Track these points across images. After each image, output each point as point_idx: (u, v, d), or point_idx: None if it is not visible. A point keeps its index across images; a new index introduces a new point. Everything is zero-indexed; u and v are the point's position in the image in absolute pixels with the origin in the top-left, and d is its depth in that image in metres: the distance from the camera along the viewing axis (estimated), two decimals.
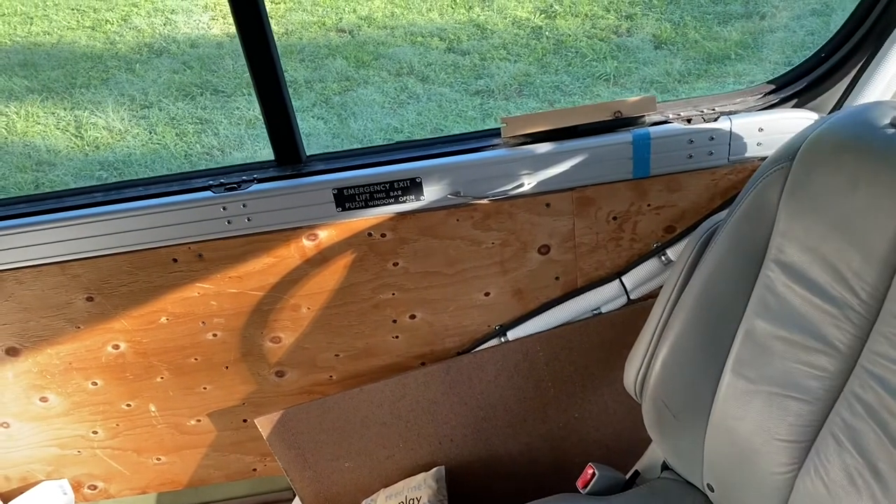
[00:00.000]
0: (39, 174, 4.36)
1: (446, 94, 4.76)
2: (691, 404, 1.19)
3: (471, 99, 4.70)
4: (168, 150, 4.49)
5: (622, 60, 4.81)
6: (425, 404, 1.50)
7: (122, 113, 4.73)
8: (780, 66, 4.72)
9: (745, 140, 1.30)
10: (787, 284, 1.09)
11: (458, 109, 4.62)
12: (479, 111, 4.59)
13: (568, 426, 1.57)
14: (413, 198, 1.33)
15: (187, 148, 4.50)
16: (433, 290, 1.43)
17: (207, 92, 4.89)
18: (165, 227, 1.33)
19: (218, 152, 4.48)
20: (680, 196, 1.35)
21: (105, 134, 4.61)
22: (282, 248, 1.37)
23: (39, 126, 4.70)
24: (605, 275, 1.44)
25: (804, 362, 1.07)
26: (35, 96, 4.91)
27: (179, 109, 4.75)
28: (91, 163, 4.40)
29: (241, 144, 4.52)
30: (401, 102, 4.73)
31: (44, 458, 1.57)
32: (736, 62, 4.73)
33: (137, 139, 4.59)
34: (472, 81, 4.82)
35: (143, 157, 4.42)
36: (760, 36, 4.84)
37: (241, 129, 4.60)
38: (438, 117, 4.58)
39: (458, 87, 4.79)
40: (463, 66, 4.94)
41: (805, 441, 1.07)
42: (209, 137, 4.56)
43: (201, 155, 4.47)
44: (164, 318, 1.42)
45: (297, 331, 1.45)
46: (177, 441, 1.57)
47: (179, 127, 4.64)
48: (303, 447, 1.52)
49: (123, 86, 4.97)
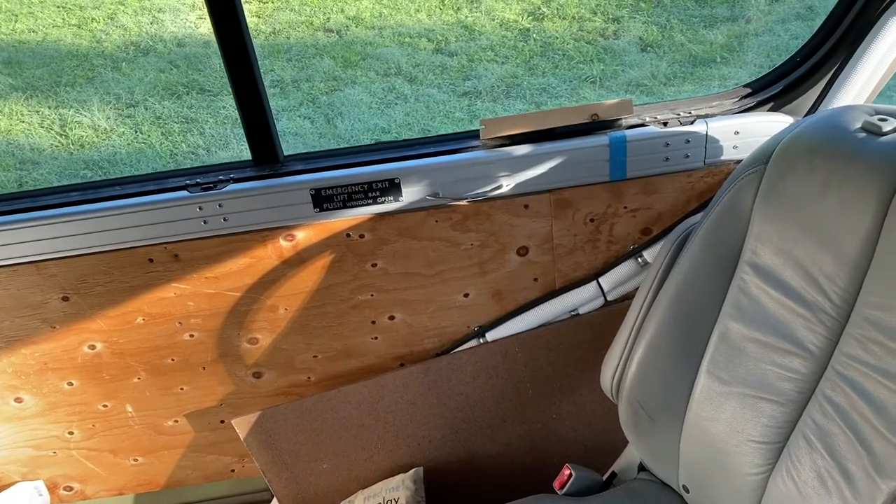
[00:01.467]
0: (23, 173, 4.32)
1: (434, 94, 4.77)
2: (667, 405, 1.20)
3: (458, 100, 4.71)
4: (153, 149, 4.47)
5: (608, 63, 4.83)
6: (404, 405, 1.50)
7: (108, 112, 4.71)
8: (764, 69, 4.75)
9: (721, 143, 1.31)
10: (760, 287, 1.09)
11: (446, 110, 4.62)
12: (467, 112, 4.59)
13: (546, 427, 1.57)
14: (392, 199, 1.33)
15: (173, 147, 4.48)
16: (412, 291, 1.43)
17: (194, 91, 4.88)
18: (141, 226, 1.32)
19: (203, 151, 4.46)
20: (656, 198, 1.36)
21: (90, 133, 4.58)
22: (259, 249, 1.36)
23: (23, 124, 4.67)
24: (582, 276, 1.44)
25: (777, 364, 1.07)
26: (19, 94, 4.88)
27: (165, 108, 4.73)
28: (76, 161, 4.37)
29: (227, 144, 4.50)
30: (388, 103, 4.73)
31: (19, 459, 1.55)
32: (721, 65, 4.76)
33: (123, 138, 4.56)
34: (460, 83, 4.83)
35: (128, 157, 4.40)
36: (745, 39, 4.87)
37: (227, 129, 4.59)
38: (426, 118, 4.58)
39: (445, 89, 4.79)
40: (451, 68, 4.95)
41: (778, 442, 1.08)
42: (195, 137, 4.54)
43: (187, 154, 4.45)
44: (140, 318, 1.41)
45: (274, 332, 1.45)
46: (154, 442, 1.56)
47: (165, 126, 4.62)
48: (280, 448, 1.52)
49: (109, 84, 4.95)
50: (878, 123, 0.99)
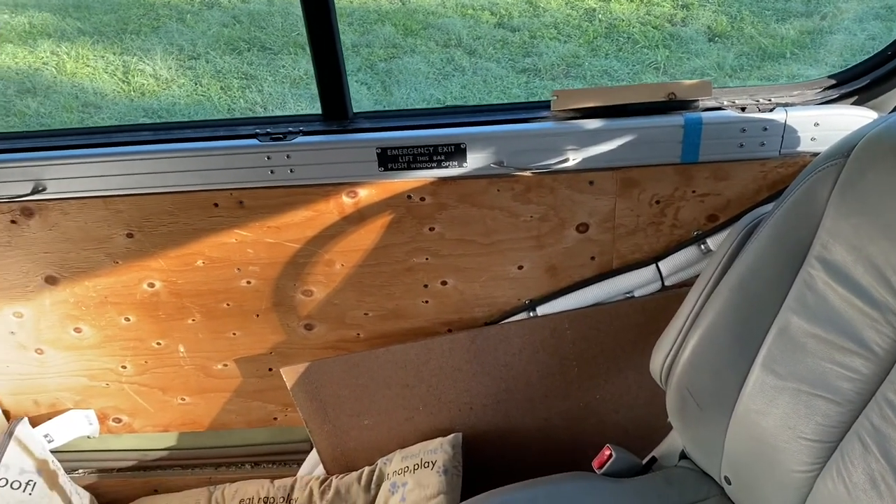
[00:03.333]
0: (85, 115, 4.42)
1: (492, 69, 4.72)
2: (717, 395, 1.18)
3: (517, 76, 4.66)
4: (212, 102, 4.52)
5: (674, 50, 4.73)
6: (449, 371, 1.51)
7: (170, 62, 4.77)
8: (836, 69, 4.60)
9: (799, 133, 1.27)
10: (827, 283, 1.07)
11: (503, 86, 4.58)
12: (524, 89, 4.55)
13: (588, 406, 1.57)
14: (456, 164, 1.32)
15: (231, 102, 4.53)
16: (467, 258, 1.43)
17: (255, 48, 4.91)
18: (209, 171, 1.34)
19: (261, 109, 4.50)
20: (726, 185, 1.33)
21: (151, 81, 4.65)
22: (321, 203, 1.37)
23: (88, 68, 4.75)
24: (641, 258, 1.42)
25: (837, 363, 1.05)
26: (86, 38, 4.97)
27: (226, 63, 4.77)
28: (135, 108, 4.45)
29: (284, 103, 4.53)
30: (446, 74, 4.70)
31: (73, 388, 1.61)
32: (791, 61, 4.62)
33: (182, 89, 4.62)
34: (520, 59, 4.77)
35: (186, 108, 4.46)
36: (819, 36, 4.72)
37: (285, 88, 4.61)
38: (483, 92, 4.55)
39: (505, 64, 4.75)
40: (512, 43, 4.89)
41: (830, 442, 1.06)
42: (253, 93, 4.58)
43: (244, 110, 4.50)
44: (200, 261, 1.44)
45: (329, 286, 1.47)
46: (202, 383, 1.60)
47: (225, 80, 4.66)
48: (325, 401, 1.54)
49: (173, 35, 5.00)
50: None
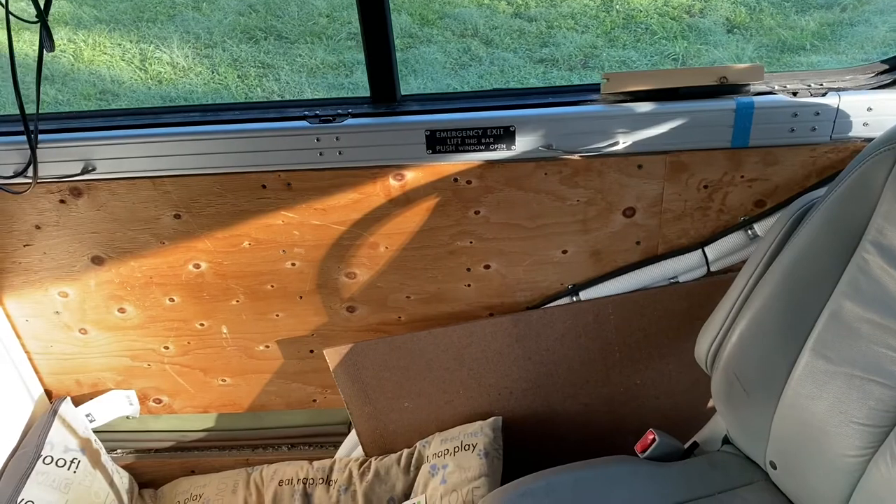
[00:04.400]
0: (102, 103, 4.42)
1: (509, 59, 4.71)
2: (764, 380, 1.19)
3: (534, 67, 4.64)
4: (229, 90, 4.52)
5: (692, 41, 4.71)
6: (490, 354, 1.52)
7: (187, 50, 4.77)
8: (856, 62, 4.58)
9: (852, 118, 1.27)
10: (883, 267, 1.07)
11: (521, 76, 4.57)
12: (542, 80, 4.53)
13: (628, 392, 1.57)
14: (504, 147, 1.32)
15: (248, 91, 4.53)
16: (511, 242, 1.43)
17: (271, 37, 4.90)
18: (258, 152, 1.35)
19: (278, 97, 4.49)
20: (775, 170, 1.33)
21: (168, 69, 4.65)
22: (368, 185, 1.38)
23: (105, 56, 4.76)
24: (687, 244, 1.42)
25: (892, 347, 1.05)
26: (102, 26, 4.97)
27: (243, 52, 4.77)
28: (153, 96, 4.45)
29: (301, 92, 4.53)
30: (462, 64, 4.69)
31: (115, 368, 1.62)
32: (811, 53, 4.60)
33: (199, 77, 4.62)
34: (537, 49, 4.76)
35: (203, 96, 4.46)
36: (839, 28, 4.69)
37: (302, 77, 4.61)
38: (500, 82, 4.54)
39: (521, 54, 4.73)
40: (528, 33, 4.88)
41: (884, 426, 1.06)
42: (270, 82, 4.57)
43: (261, 98, 4.50)
44: (246, 242, 1.44)
45: (372, 269, 1.47)
46: (244, 364, 1.61)
47: (241, 69, 4.66)
48: (366, 383, 1.55)
49: (189, 23, 5.00)
50: None
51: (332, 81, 4.55)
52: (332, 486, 1.62)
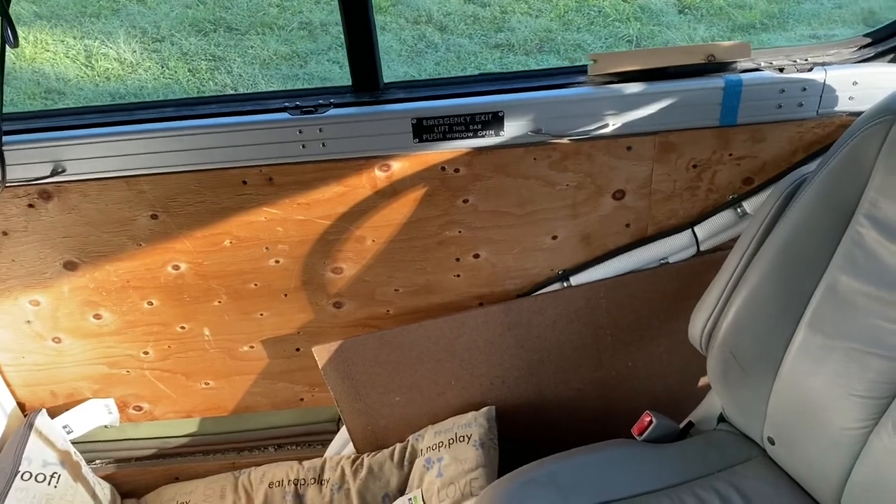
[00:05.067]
0: (49, 102, 4.27)
1: (465, 45, 4.69)
2: (761, 357, 1.19)
3: (490, 52, 4.63)
4: (180, 85, 4.41)
5: (645, 23, 4.75)
6: (482, 344, 1.50)
7: (134, 45, 4.63)
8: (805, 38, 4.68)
9: (838, 93, 1.28)
10: (878, 240, 1.08)
11: (478, 62, 4.55)
12: (499, 65, 4.52)
13: (620, 375, 1.57)
14: (493, 133, 1.30)
15: (200, 84, 4.42)
16: (500, 230, 1.41)
17: (221, 29, 4.79)
18: (238, 147, 1.30)
19: (231, 91, 4.40)
20: (763, 147, 1.33)
21: (116, 65, 4.51)
22: (353, 177, 1.34)
23: (48, 53, 4.59)
24: (677, 224, 1.42)
25: (890, 319, 1.06)
26: (43, 23, 4.78)
27: (192, 45, 4.65)
28: (101, 94, 4.31)
29: (256, 84, 4.44)
30: (418, 51, 4.65)
31: (92, 376, 1.55)
32: (761, 31, 4.68)
33: (149, 73, 4.49)
34: (492, 34, 4.74)
35: (154, 91, 4.34)
36: (787, 6, 4.79)
37: (255, 69, 4.52)
38: (457, 69, 4.51)
39: (477, 39, 4.72)
40: (483, 18, 4.86)
41: (884, 398, 1.06)
42: (222, 75, 4.47)
43: (214, 92, 4.39)
44: (227, 240, 1.40)
45: (359, 262, 1.44)
46: (228, 366, 1.56)
47: (192, 63, 4.54)
48: (356, 379, 1.51)
49: (135, 17, 4.85)
50: None
51: (286, 73, 4.47)
52: (324, 485, 1.59)
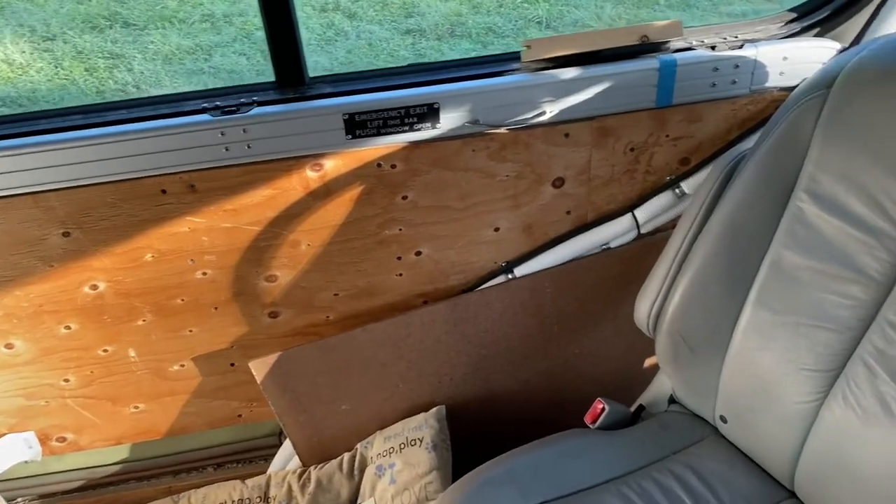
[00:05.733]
0: None
1: (376, 31, 4.62)
2: (710, 337, 1.19)
3: (402, 38, 4.57)
4: (77, 85, 4.18)
5: (553, 3, 4.78)
6: (429, 343, 1.45)
7: (23, 45, 4.35)
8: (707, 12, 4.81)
9: (769, 69, 1.28)
10: (818, 214, 1.08)
11: (390, 48, 4.48)
12: (412, 51, 4.47)
13: (567, 363, 1.56)
14: (429, 125, 1.25)
15: (99, 84, 4.20)
16: (442, 225, 1.36)
17: (117, 24, 4.56)
18: (155, 154, 1.20)
19: (133, 89, 4.20)
20: (698, 126, 1.33)
21: (4, 67, 4.23)
22: (283, 179, 1.26)
23: None
24: (616, 209, 1.41)
25: (834, 292, 1.07)
26: None
27: (87, 42, 4.41)
28: None
29: (159, 81, 4.25)
30: (328, 40, 4.55)
31: (7, 410, 1.42)
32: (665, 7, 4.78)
33: (42, 74, 4.23)
34: (402, 20, 4.69)
35: (49, 93, 4.09)
36: None
37: (158, 65, 4.32)
38: (369, 56, 4.44)
39: (387, 26, 4.65)
40: (392, 3, 4.80)
41: (832, 370, 1.07)
42: (122, 73, 4.26)
43: (115, 91, 4.18)
44: (149, 255, 1.30)
45: (294, 269, 1.36)
46: (157, 388, 1.46)
47: (88, 61, 4.31)
48: (298, 391, 1.44)
49: (21, 15, 4.56)
50: None
51: (190, 67, 4.29)
52: (271, 502, 1.51)
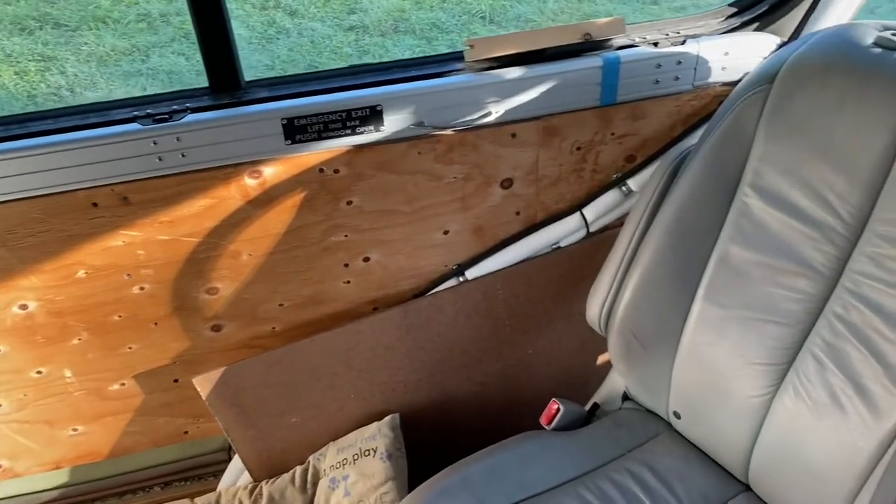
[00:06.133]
0: None
1: (318, 29, 4.56)
2: (661, 333, 1.18)
3: (345, 34, 4.52)
4: (7, 90, 4.02)
5: None
6: (380, 351, 1.42)
7: None
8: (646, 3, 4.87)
9: (710, 64, 1.28)
10: (763, 209, 1.09)
11: (333, 45, 4.43)
12: (355, 48, 4.42)
13: (521, 363, 1.54)
14: (372, 128, 1.21)
15: (30, 88, 4.05)
16: (389, 229, 1.33)
17: (48, 25, 4.41)
18: (84, 166, 1.14)
19: (67, 92, 4.06)
20: (643, 124, 1.32)
21: None
22: (221, 188, 1.21)
23: None
24: (565, 208, 1.39)
25: (782, 286, 1.07)
26: None
27: (16, 45, 4.25)
28: None
29: (95, 83, 4.11)
30: (270, 38, 4.48)
31: None
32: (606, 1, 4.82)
33: None
34: (345, 16, 4.64)
35: None
36: None
37: (93, 67, 4.19)
38: (312, 53, 4.38)
39: (330, 22, 4.59)
40: (334, 0, 4.74)
41: (783, 363, 1.08)
42: (55, 76, 4.12)
43: (48, 95, 4.04)
44: (82, 271, 1.23)
45: (236, 280, 1.31)
46: (96, 408, 1.39)
47: (18, 65, 4.16)
48: (246, 405, 1.39)
49: None
50: (893, 38, 0.99)
51: (127, 69, 4.17)
52: None
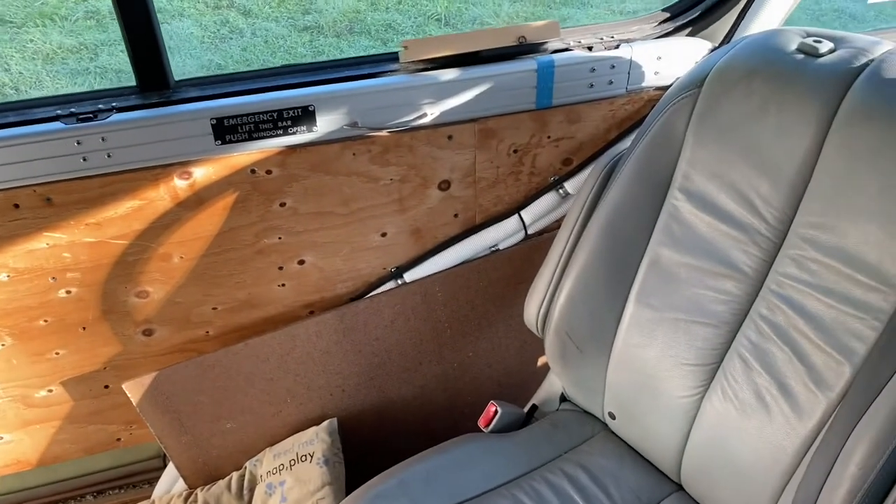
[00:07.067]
0: None
1: (272, 29, 4.51)
2: (595, 335, 1.19)
3: (299, 35, 4.49)
4: None
5: (452, 0, 4.79)
6: (317, 355, 1.40)
7: None
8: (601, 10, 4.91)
9: (644, 69, 1.29)
10: (692, 212, 1.10)
11: (287, 46, 4.39)
12: (310, 48, 4.39)
13: (461, 366, 1.54)
14: (305, 129, 1.20)
15: None
16: (325, 232, 1.32)
17: None
18: (4, 165, 1.10)
19: (11, 90, 3.95)
20: (578, 127, 1.33)
21: None
22: (149, 189, 1.19)
23: None
24: (503, 210, 1.39)
25: (710, 288, 1.09)
26: None
27: None
28: None
29: (40, 81, 4.01)
30: (223, 37, 4.42)
31: None
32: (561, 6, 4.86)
33: None
34: (300, 17, 4.60)
35: None
36: None
37: (38, 65, 4.09)
38: (266, 54, 4.33)
39: (284, 23, 4.55)
40: (288, 0, 4.69)
41: (712, 364, 1.10)
42: None
43: None
44: (3, 274, 1.19)
45: (167, 283, 1.28)
46: (23, 416, 1.35)
47: None
48: (179, 411, 1.36)
49: None
50: (815, 45, 1.00)
51: (74, 67, 4.07)
52: None
